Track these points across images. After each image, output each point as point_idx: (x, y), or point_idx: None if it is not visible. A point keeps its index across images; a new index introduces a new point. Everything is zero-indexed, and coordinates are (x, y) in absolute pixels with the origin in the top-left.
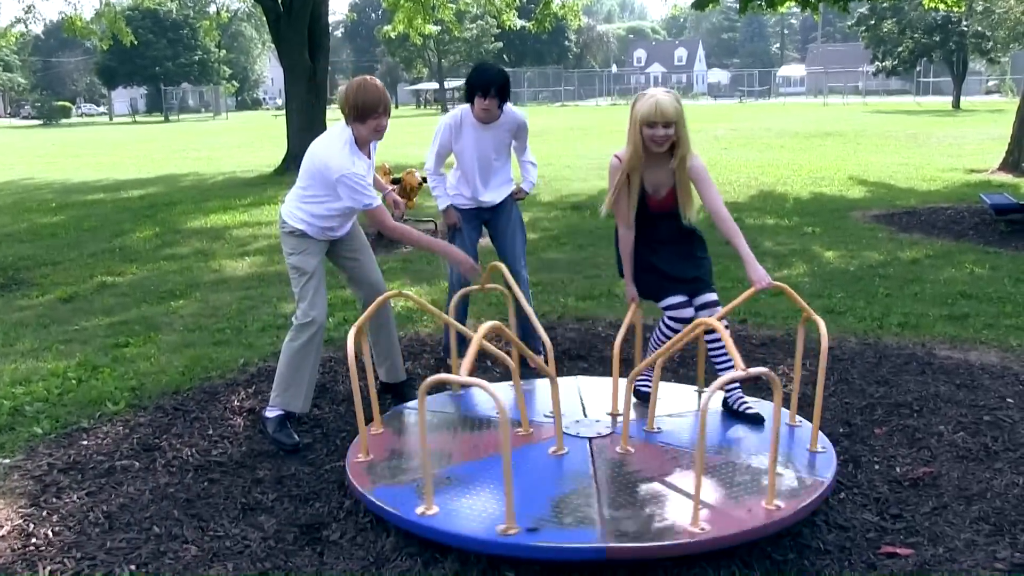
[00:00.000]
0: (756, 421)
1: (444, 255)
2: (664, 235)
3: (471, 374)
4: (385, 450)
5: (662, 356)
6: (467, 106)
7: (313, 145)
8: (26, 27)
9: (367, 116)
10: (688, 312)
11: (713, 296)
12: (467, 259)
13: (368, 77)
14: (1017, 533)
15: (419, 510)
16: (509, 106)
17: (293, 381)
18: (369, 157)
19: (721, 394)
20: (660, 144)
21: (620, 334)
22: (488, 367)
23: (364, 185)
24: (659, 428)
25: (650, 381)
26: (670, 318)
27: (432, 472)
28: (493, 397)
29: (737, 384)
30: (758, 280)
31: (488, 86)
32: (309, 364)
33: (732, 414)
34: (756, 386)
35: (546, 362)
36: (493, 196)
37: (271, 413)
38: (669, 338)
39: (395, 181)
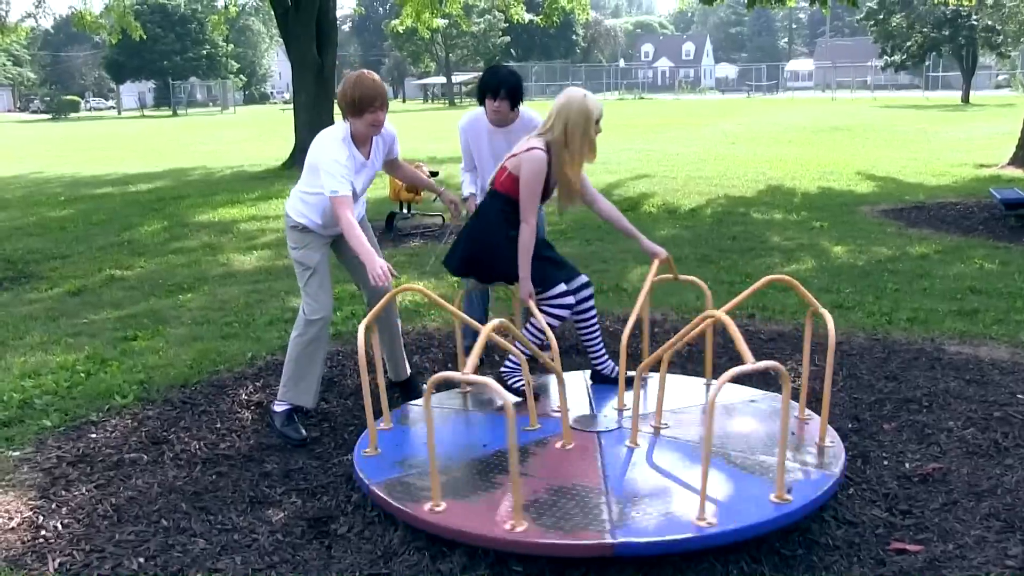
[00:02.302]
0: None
1: (365, 259)
2: (542, 226)
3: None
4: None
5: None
6: (482, 109)
7: (314, 139)
8: (36, 22)
9: (364, 110)
10: (570, 299)
11: (585, 277)
12: (378, 269)
13: (365, 71)
14: None
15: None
16: (527, 109)
17: (301, 376)
18: (369, 157)
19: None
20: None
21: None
22: (496, 362)
23: (336, 172)
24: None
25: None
26: (557, 306)
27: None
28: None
29: (604, 355)
30: (655, 252)
31: (498, 88)
32: (317, 359)
33: (604, 381)
34: (765, 381)
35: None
36: None
37: (279, 407)
38: (554, 329)
39: None
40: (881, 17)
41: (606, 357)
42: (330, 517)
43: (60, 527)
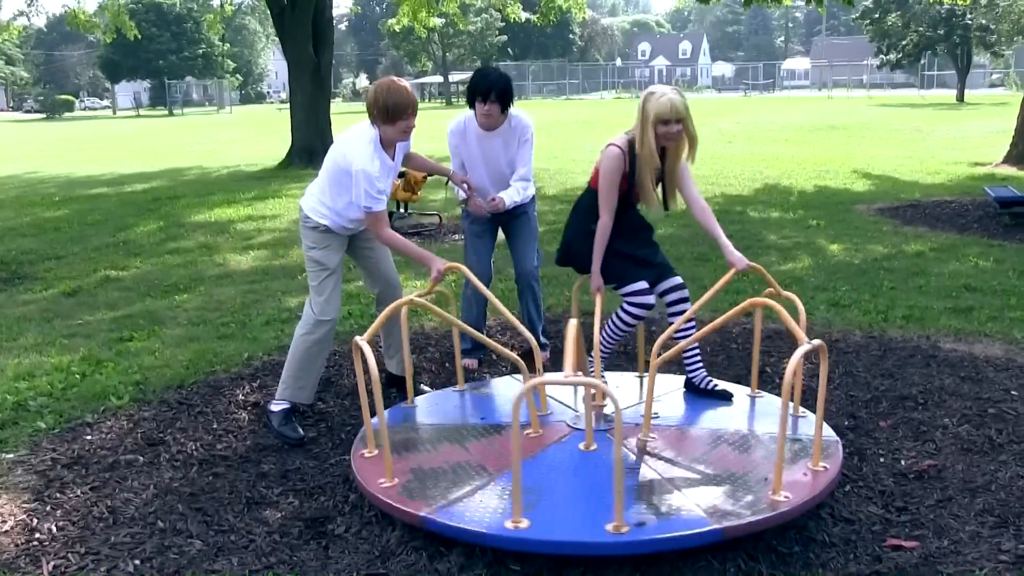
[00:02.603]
0: (725, 397)
1: (422, 262)
2: (634, 223)
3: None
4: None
5: (703, 335)
6: (471, 112)
7: (338, 140)
8: (28, 20)
9: (397, 118)
10: (650, 299)
11: (679, 278)
12: (440, 271)
13: (395, 78)
14: (1022, 525)
15: (509, 524)
16: (517, 111)
17: (304, 374)
18: (394, 159)
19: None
20: (673, 140)
21: (596, 326)
22: (493, 362)
23: (373, 187)
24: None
25: (700, 372)
26: (633, 304)
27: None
28: (610, 397)
29: (700, 364)
30: (737, 262)
31: (488, 91)
32: (320, 359)
33: (698, 393)
34: (762, 380)
35: (532, 362)
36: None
37: (276, 407)
38: (631, 326)
39: (400, 175)
40: (877, 16)
41: (699, 366)
42: (327, 517)
43: (55, 530)
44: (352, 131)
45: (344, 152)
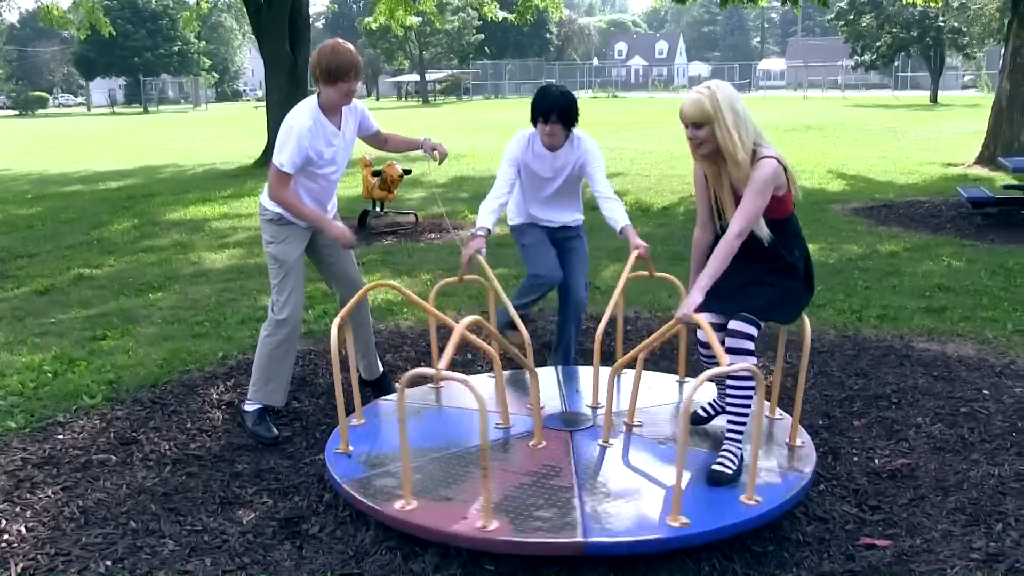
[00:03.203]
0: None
1: (322, 228)
2: (748, 248)
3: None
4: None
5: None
6: (533, 129)
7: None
8: (0, 16)
9: (338, 79)
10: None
11: (738, 324)
12: (345, 234)
13: (340, 40)
14: (992, 523)
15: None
16: (581, 134)
17: (271, 376)
18: (340, 128)
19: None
20: (695, 147)
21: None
22: (470, 360)
23: (288, 142)
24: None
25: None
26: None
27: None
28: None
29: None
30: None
31: (550, 111)
32: (287, 360)
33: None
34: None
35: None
36: (558, 218)
37: (250, 407)
38: (707, 358)
39: (376, 173)
40: (851, 17)
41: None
42: (301, 517)
43: (24, 531)
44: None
45: (284, 122)
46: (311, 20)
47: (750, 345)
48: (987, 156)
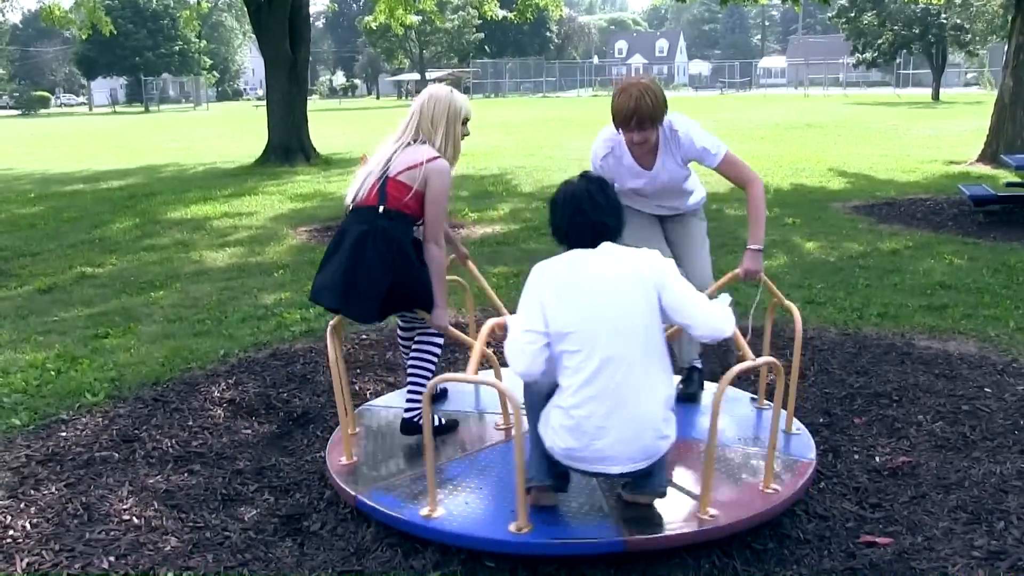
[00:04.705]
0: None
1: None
2: None
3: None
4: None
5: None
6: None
7: None
8: (3, 16)
9: None
10: None
11: None
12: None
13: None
14: (994, 521)
15: (423, 512)
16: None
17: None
18: None
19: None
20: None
21: None
22: (456, 360)
23: None
24: None
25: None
26: None
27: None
28: (505, 396)
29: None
30: None
31: (630, 118)
32: None
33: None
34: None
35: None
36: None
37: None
38: None
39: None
40: (852, 15)
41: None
42: (303, 514)
43: (28, 527)
44: None
45: None
46: (311, 19)
47: None
48: (990, 154)
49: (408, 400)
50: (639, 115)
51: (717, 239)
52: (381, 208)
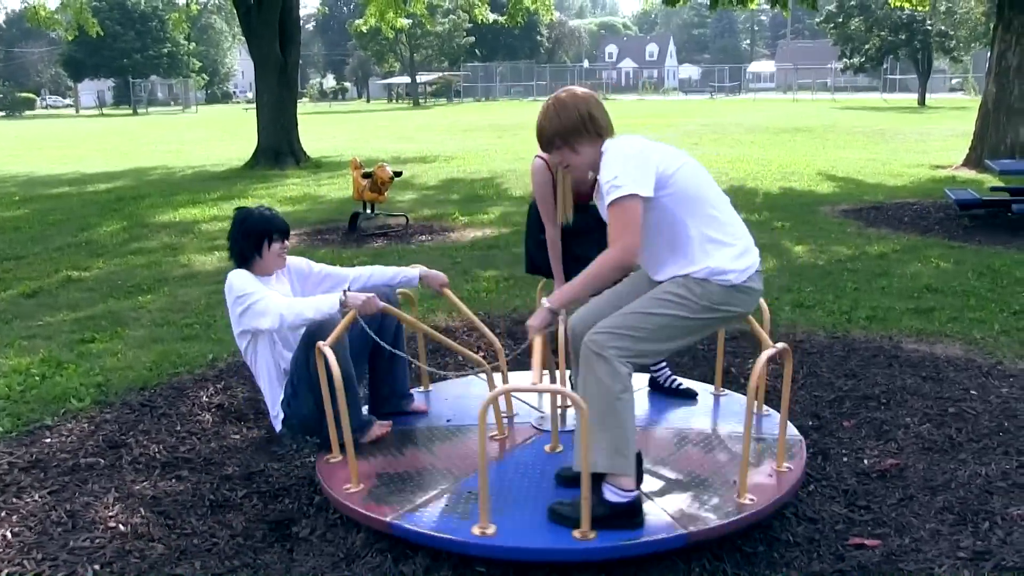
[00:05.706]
0: (690, 396)
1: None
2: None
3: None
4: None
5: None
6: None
7: None
8: None
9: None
10: None
11: None
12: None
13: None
14: (979, 522)
15: (476, 530)
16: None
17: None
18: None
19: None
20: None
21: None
22: (444, 365)
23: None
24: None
25: (664, 371)
26: None
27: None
28: (574, 402)
29: (664, 363)
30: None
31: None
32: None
33: (663, 392)
34: (727, 378)
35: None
36: None
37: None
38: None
39: (366, 175)
40: (840, 20)
41: (664, 364)
42: (291, 520)
43: (10, 536)
44: None
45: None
46: (301, 22)
47: None
48: (974, 158)
49: None
50: (536, 133)
51: None
52: None
